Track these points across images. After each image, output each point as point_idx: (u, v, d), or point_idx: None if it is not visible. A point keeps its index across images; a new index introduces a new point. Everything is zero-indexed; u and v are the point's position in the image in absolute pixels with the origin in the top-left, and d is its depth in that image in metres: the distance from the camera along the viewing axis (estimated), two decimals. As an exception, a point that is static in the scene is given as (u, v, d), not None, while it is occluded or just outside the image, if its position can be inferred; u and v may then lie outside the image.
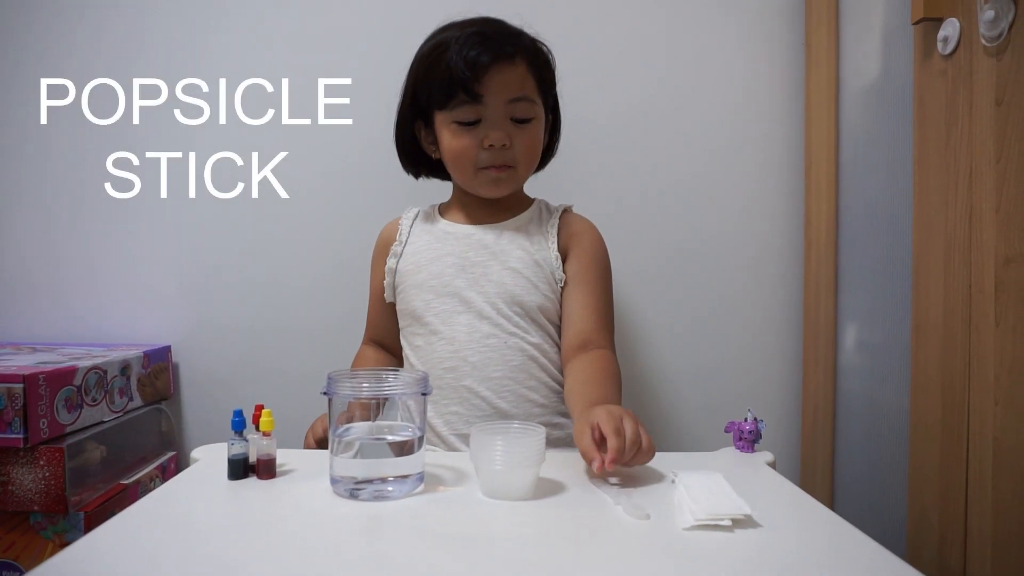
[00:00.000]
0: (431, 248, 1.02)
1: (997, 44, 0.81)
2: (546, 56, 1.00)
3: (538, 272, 0.99)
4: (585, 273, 1.00)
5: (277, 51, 1.34)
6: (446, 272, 0.99)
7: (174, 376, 1.36)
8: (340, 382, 0.71)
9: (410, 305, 1.02)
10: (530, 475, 0.70)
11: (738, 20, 1.33)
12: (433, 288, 0.99)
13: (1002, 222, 0.81)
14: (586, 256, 1.01)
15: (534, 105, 0.96)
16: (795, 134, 1.33)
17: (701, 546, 0.59)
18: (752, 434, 0.86)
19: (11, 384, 0.97)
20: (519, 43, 0.95)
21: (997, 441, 0.81)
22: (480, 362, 0.96)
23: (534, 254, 0.99)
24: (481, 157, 0.96)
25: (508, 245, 1.00)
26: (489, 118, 0.95)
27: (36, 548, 1.04)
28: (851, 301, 1.21)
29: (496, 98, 0.94)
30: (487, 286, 0.98)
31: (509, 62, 0.93)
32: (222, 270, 1.36)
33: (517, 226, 1.02)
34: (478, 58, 0.91)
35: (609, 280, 1.03)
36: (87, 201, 1.36)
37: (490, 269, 0.98)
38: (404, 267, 1.03)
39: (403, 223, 1.08)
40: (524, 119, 0.96)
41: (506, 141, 0.95)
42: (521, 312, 0.98)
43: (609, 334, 1.00)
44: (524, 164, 0.99)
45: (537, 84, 0.97)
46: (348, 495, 0.69)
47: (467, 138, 0.95)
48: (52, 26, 1.34)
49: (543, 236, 1.01)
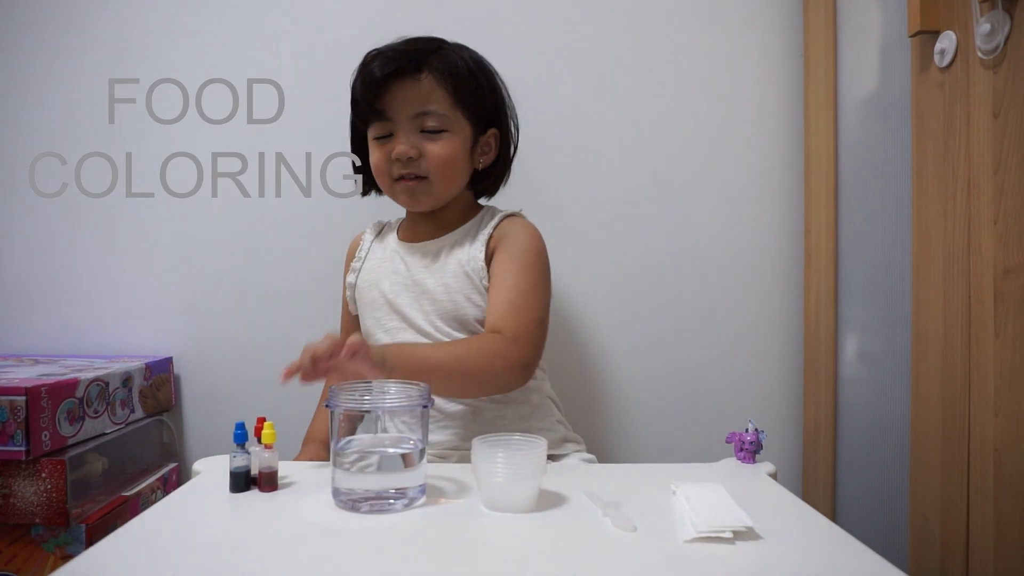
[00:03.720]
0: (382, 266, 1.05)
1: (993, 57, 0.81)
2: (464, 71, 0.98)
3: (469, 283, 0.98)
4: (500, 271, 0.96)
5: (286, 58, 1.35)
6: (391, 290, 1.02)
7: (176, 388, 1.37)
8: (342, 395, 0.71)
9: (365, 322, 1.06)
10: (532, 487, 0.70)
11: (737, 33, 1.34)
12: (381, 306, 1.02)
13: (1000, 233, 0.81)
14: (506, 255, 0.97)
15: (445, 118, 0.96)
16: (795, 146, 1.34)
17: (702, 558, 0.59)
18: (753, 445, 0.86)
19: (13, 396, 0.97)
20: (424, 58, 0.96)
21: (998, 452, 0.81)
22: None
23: (465, 265, 0.99)
24: (392, 169, 0.98)
25: (444, 260, 1.01)
26: (397, 132, 0.97)
27: (38, 561, 1.04)
28: (851, 312, 1.21)
29: (400, 113, 0.96)
30: (425, 303, 0.99)
31: (412, 77, 0.95)
32: (224, 282, 1.37)
33: (455, 240, 1.02)
34: (374, 75, 0.95)
35: (534, 274, 0.96)
36: (88, 212, 1.36)
37: (427, 286, 0.99)
38: (360, 283, 1.07)
39: (365, 238, 1.11)
40: (434, 131, 0.96)
41: (411, 153, 0.96)
42: (459, 327, 0.98)
43: (514, 320, 0.91)
44: (438, 175, 0.97)
45: (452, 98, 0.97)
46: (350, 508, 0.69)
47: (381, 152, 0.99)
48: (53, 28, 1.35)
49: (475, 245, 1.00)
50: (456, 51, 1.00)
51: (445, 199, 1.02)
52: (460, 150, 0.99)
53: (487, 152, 1.04)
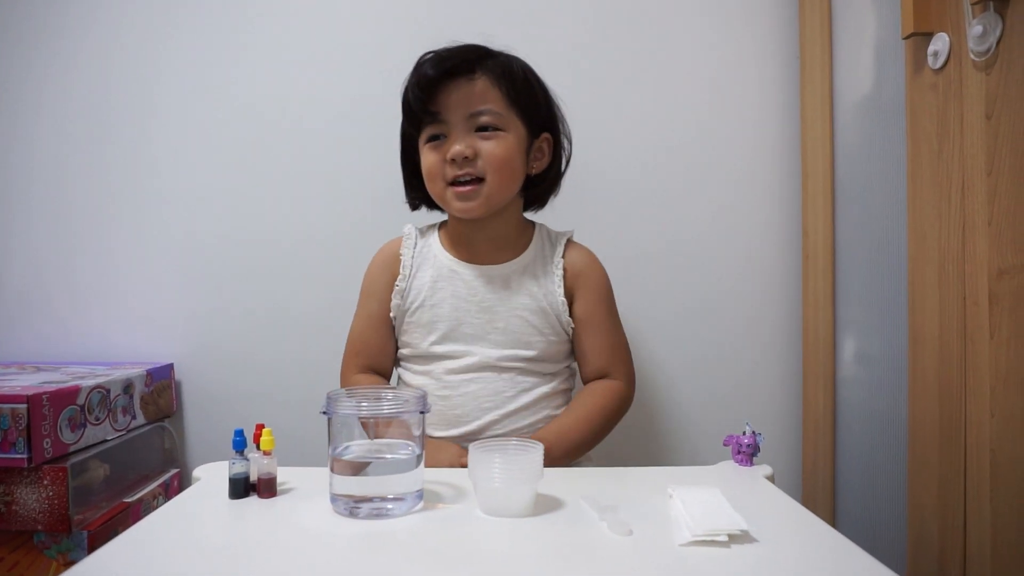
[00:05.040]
0: (438, 286, 1.00)
1: (986, 59, 0.82)
2: (519, 73, 0.98)
3: (543, 319, 0.99)
4: (592, 316, 1.01)
5: (286, 68, 1.36)
6: (453, 316, 0.99)
7: (177, 394, 1.37)
8: (339, 401, 0.72)
9: (411, 341, 1.01)
10: (529, 492, 0.70)
11: (733, 35, 1.35)
12: (440, 330, 0.99)
13: (994, 234, 0.81)
14: (592, 296, 1.02)
15: (500, 117, 0.95)
16: (791, 148, 1.34)
17: (698, 562, 0.59)
18: (751, 447, 0.87)
19: (15, 404, 0.98)
20: (479, 59, 0.95)
21: (994, 452, 0.81)
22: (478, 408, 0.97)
23: (540, 300, 0.99)
24: (447, 172, 0.95)
25: (516, 290, 0.99)
26: (452, 133, 0.95)
27: (40, 567, 1.04)
28: (849, 313, 1.21)
29: (455, 113, 0.94)
30: (496, 334, 0.98)
31: (467, 77, 0.94)
32: (225, 289, 1.37)
33: (523, 266, 1.01)
34: (428, 75, 0.93)
35: (615, 310, 1.05)
36: (89, 220, 1.37)
37: (499, 316, 0.98)
38: (411, 303, 1.01)
39: (405, 252, 1.04)
40: (490, 130, 0.95)
41: (467, 152, 0.93)
42: (521, 359, 0.98)
43: (623, 364, 1.03)
44: (494, 176, 0.94)
45: (506, 98, 0.95)
46: (348, 513, 0.70)
47: (434, 154, 0.96)
48: (57, 32, 1.36)
49: (548, 278, 1.00)
50: (508, 56, 0.99)
51: (499, 204, 0.98)
52: (516, 149, 0.96)
53: (540, 158, 1.02)
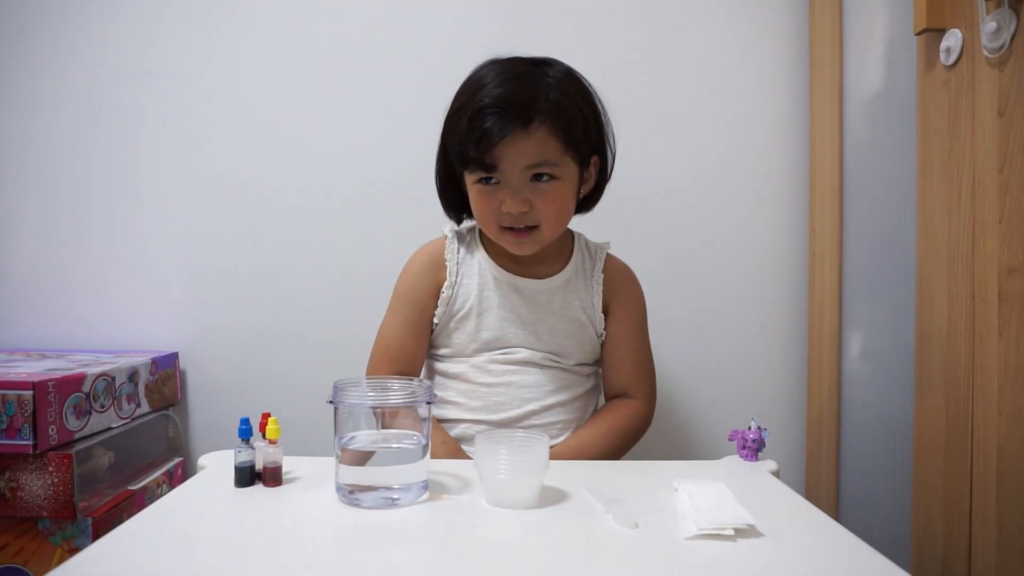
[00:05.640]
0: (485, 294, 1.01)
1: (999, 55, 0.81)
2: (573, 111, 0.92)
3: (581, 330, 1.02)
4: (624, 332, 1.04)
5: (289, 55, 1.36)
6: (498, 325, 1.00)
7: (181, 383, 1.37)
8: (346, 391, 0.72)
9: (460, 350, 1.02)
10: (534, 484, 0.70)
11: (743, 31, 1.34)
12: (481, 338, 1.00)
13: (1005, 232, 0.81)
14: (627, 312, 1.04)
15: (556, 167, 0.92)
16: (799, 144, 1.34)
17: (704, 556, 0.59)
18: (756, 442, 0.86)
19: (20, 391, 0.98)
20: (536, 108, 0.89)
21: (1001, 451, 0.81)
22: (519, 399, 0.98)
23: (581, 314, 1.02)
24: (501, 218, 0.94)
25: (559, 305, 1.01)
26: (506, 182, 0.92)
27: (45, 553, 1.05)
28: (855, 310, 1.21)
29: (512, 165, 0.90)
30: (538, 344, 1.00)
31: (523, 131, 0.89)
32: (229, 277, 1.37)
33: (566, 280, 1.02)
34: (488, 132, 0.88)
35: (646, 328, 1.07)
36: (95, 208, 1.37)
37: (544, 326, 1.00)
38: (454, 309, 1.01)
39: (449, 259, 1.02)
40: (545, 182, 0.92)
41: (524, 208, 0.91)
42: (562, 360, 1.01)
43: (646, 384, 1.05)
44: (549, 223, 0.95)
45: (563, 143, 0.91)
46: (353, 503, 0.70)
47: (487, 198, 0.93)
48: (58, 28, 1.36)
49: (588, 292, 1.03)
50: (562, 85, 0.93)
51: (551, 240, 0.98)
52: (569, 195, 0.96)
53: (588, 180, 1.01)
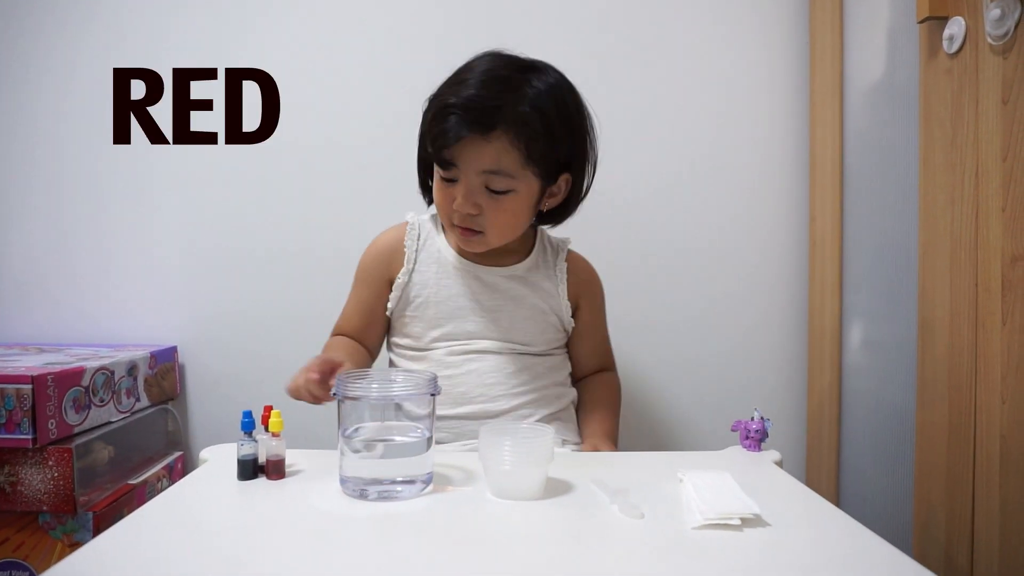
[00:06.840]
0: (442, 282, 1.01)
1: (1003, 43, 0.81)
2: (539, 126, 0.90)
3: (545, 322, 1.03)
4: (594, 321, 1.10)
5: (287, 47, 1.35)
6: (457, 312, 0.99)
7: (180, 377, 1.37)
8: (349, 384, 0.71)
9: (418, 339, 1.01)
10: (539, 475, 0.70)
11: (742, 19, 1.34)
12: (443, 325, 0.99)
13: (1008, 221, 0.81)
14: (594, 305, 1.09)
15: (511, 179, 0.91)
16: (800, 133, 1.33)
17: (711, 545, 0.59)
18: (759, 433, 0.86)
19: (20, 385, 0.98)
20: (500, 117, 0.88)
21: (1004, 439, 0.81)
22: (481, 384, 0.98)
23: (543, 304, 1.02)
24: (452, 213, 0.94)
25: (520, 294, 1.01)
26: (463, 182, 0.92)
27: (45, 548, 1.04)
28: (856, 300, 1.21)
29: (468, 166, 0.91)
30: (497, 333, 0.99)
31: (482, 138, 0.88)
32: (228, 270, 1.36)
33: (527, 270, 1.02)
34: (446, 132, 0.89)
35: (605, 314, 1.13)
36: (93, 202, 1.36)
37: (504, 315, 1.00)
38: (413, 296, 1.01)
39: (408, 245, 1.02)
40: (499, 191, 0.92)
41: (472, 210, 0.92)
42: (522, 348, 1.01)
43: (612, 356, 1.14)
44: (495, 232, 0.95)
45: (524, 157, 0.90)
46: (357, 495, 0.69)
47: (444, 192, 0.95)
48: (59, 24, 1.35)
49: (552, 281, 1.04)
50: (540, 98, 0.91)
51: (500, 245, 0.99)
52: (523, 207, 0.95)
53: (555, 194, 0.99)
